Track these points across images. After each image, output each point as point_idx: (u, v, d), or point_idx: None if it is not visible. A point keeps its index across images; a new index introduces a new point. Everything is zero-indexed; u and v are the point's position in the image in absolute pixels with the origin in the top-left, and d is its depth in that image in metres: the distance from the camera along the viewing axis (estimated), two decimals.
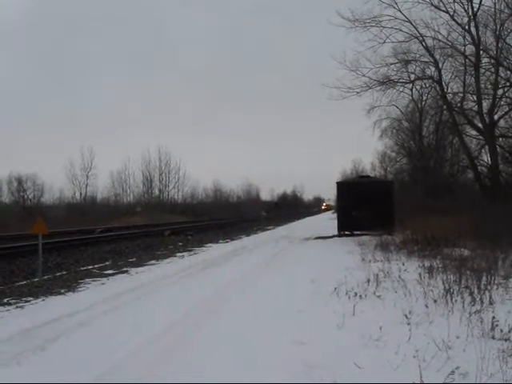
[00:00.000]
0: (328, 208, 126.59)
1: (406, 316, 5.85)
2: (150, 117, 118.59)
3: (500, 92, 24.90)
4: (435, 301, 6.70)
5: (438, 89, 27.26)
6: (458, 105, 26.37)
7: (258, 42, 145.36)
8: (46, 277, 10.54)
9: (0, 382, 4.15)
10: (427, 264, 9.90)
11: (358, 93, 25.67)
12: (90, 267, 12.58)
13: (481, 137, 26.38)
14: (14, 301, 8.08)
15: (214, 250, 17.47)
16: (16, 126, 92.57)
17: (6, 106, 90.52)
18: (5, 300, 8.14)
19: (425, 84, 30.32)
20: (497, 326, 5.15)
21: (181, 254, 16.02)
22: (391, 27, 24.57)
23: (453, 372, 3.88)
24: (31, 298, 8.28)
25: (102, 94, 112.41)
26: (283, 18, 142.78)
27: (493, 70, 24.35)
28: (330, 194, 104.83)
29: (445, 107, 27.97)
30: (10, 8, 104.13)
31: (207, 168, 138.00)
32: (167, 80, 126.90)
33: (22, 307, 7.59)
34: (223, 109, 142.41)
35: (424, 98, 33.78)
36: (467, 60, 24.69)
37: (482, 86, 24.67)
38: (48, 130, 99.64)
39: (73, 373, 4.43)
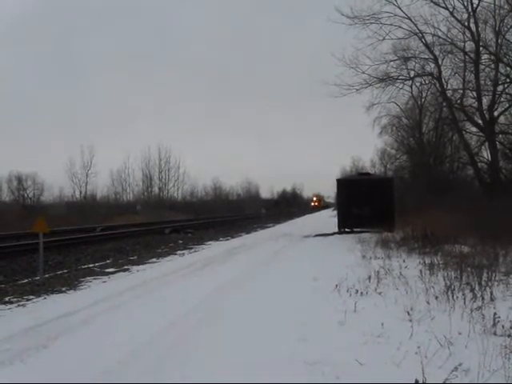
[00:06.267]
0: (320, 205, 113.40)
1: (408, 313, 5.87)
2: (149, 115, 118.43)
3: (500, 88, 24.86)
4: (436, 297, 6.70)
5: (437, 85, 27.22)
6: (458, 101, 26.33)
7: (258, 39, 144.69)
8: (47, 275, 10.55)
9: (0, 382, 4.15)
10: (428, 261, 9.91)
11: (357, 90, 25.71)
12: (90, 265, 12.60)
13: (481, 133, 26.35)
14: (15, 299, 8.09)
15: (215, 248, 17.49)
16: (16, 124, 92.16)
17: (5, 104, 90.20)
18: (6, 298, 8.15)
19: (424, 81, 30.26)
20: (498, 322, 5.16)
21: (181, 252, 16.04)
22: (391, 24, 24.56)
23: (456, 368, 3.88)
24: (33, 297, 8.29)
25: (102, 92, 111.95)
26: (282, 14, 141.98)
27: (493, 66, 24.31)
28: (329, 192, 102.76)
29: (444, 104, 27.92)
30: (9, 6, 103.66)
31: (207, 166, 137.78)
32: (166, 78, 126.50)
33: (23, 305, 7.60)
34: (222, 107, 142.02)
35: (424, 94, 33.72)
36: (467, 56, 24.67)
37: (482, 82, 24.65)
38: (48, 128, 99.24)
39: (75, 371, 4.45)
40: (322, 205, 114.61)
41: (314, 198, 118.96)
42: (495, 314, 5.29)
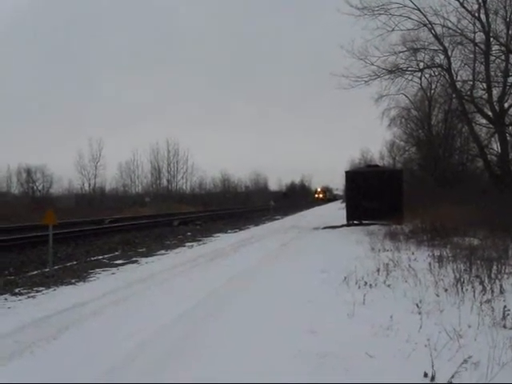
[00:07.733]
0: (324, 197, 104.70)
1: (417, 305, 5.86)
2: (158, 108, 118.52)
3: (510, 80, 24.49)
4: (446, 290, 6.69)
5: (447, 77, 26.96)
6: (468, 93, 26.07)
7: (264, 31, 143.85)
8: (56, 267, 10.60)
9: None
10: (437, 253, 9.88)
11: (366, 81, 25.50)
12: (99, 257, 12.66)
13: (490, 125, 26.09)
14: (25, 291, 8.14)
15: (223, 240, 17.51)
16: (25, 117, 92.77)
17: (15, 97, 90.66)
18: (16, 290, 8.20)
19: (434, 72, 29.94)
20: (508, 315, 5.14)
21: (190, 244, 16.07)
22: (400, 15, 24.32)
23: (465, 361, 3.87)
24: (42, 288, 8.34)
25: (111, 85, 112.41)
26: (289, 5, 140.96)
27: (503, 57, 24.04)
28: (338, 184, 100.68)
29: (454, 95, 27.71)
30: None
31: (215, 158, 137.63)
32: (175, 71, 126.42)
33: (33, 297, 7.65)
34: (231, 99, 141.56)
35: (433, 86, 33.42)
36: (477, 48, 24.39)
37: (492, 73, 24.37)
38: (57, 121, 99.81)
39: (84, 363, 4.47)
40: (328, 197, 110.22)
41: (319, 189, 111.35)
42: (505, 306, 5.27)
